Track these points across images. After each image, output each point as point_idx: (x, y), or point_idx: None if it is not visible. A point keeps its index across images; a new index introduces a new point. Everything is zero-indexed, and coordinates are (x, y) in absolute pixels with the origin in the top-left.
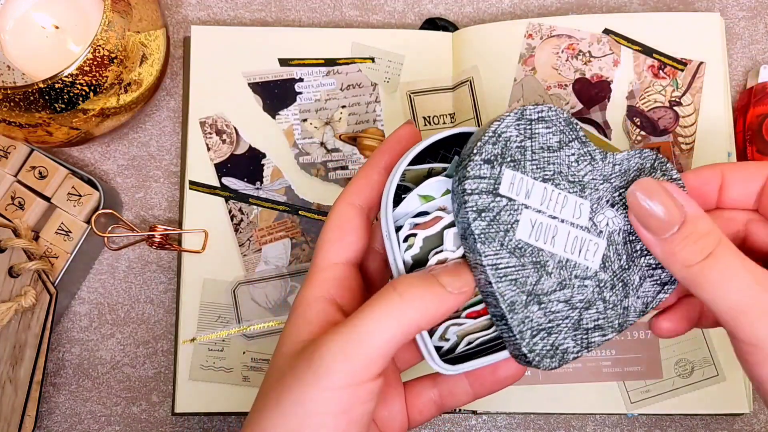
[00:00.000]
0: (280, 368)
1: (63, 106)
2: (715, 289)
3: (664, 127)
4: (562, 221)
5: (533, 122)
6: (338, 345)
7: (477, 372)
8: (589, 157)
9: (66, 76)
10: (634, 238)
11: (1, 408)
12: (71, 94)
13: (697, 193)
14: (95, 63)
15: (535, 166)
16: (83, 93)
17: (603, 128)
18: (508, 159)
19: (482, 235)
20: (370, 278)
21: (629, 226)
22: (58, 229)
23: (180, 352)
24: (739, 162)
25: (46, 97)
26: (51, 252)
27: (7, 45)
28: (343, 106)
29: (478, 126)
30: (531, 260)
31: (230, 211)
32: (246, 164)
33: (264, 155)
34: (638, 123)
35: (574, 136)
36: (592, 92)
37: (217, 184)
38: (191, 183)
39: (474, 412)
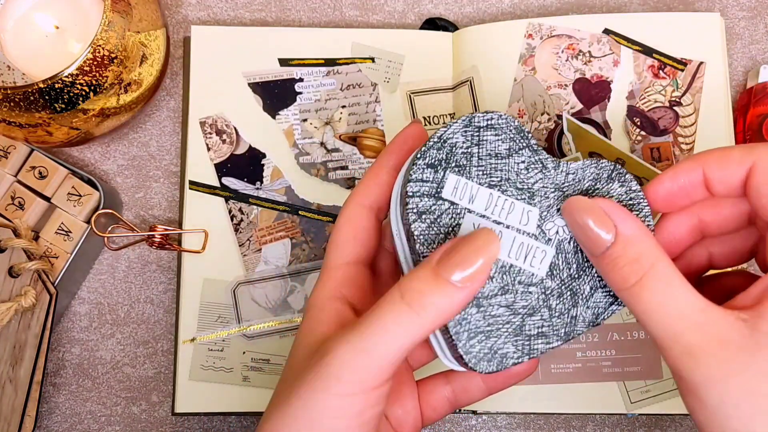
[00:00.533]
0: (294, 370)
1: (63, 106)
2: (644, 318)
3: (664, 127)
4: (508, 227)
5: (481, 129)
6: (347, 354)
7: None
8: (541, 165)
9: (66, 76)
10: None
11: (1, 408)
12: (71, 94)
13: (680, 191)
14: (95, 63)
15: (481, 172)
16: (83, 93)
17: (603, 128)
18: (453, 164)
19: (421, 237)
20: (382, 277)
21: None
22: (58, 229)
23: (180, 352)
24: (720, 150)
25: (46, 97)
26: (51, 252)
27: (7, 45)
28: (343, 106)
29: None
30: None
31: (230, 211)
32: (246, 164)
33: (264, 155)
34: (638, 123)
35: (524, 144)
36: (592, 92)
37: (217, 184)
38: (191, 183)
39: (474, 412)
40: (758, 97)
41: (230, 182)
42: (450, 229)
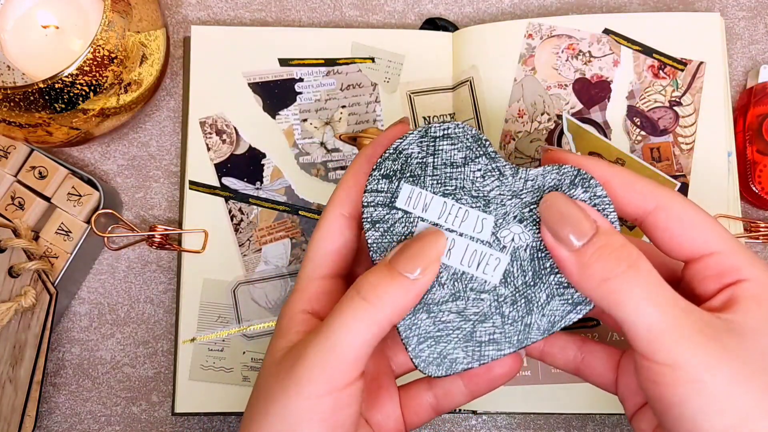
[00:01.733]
0: (267, 379)
1: (63, 106)
2: (636, 307)
3: (664, 127)
4: (461, 235)
5: (437, 139)
6: (315, 356)
7: (471, 371)
8: (498, 172)
9: (66, 76)
10: (542, 255)
11: (1, 408)
12: (71, 94)
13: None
14: (95, 63)
15: (435, 181)
16: (83, 93)
17: (603, 128)
18: (408, 174)
19: (374, 245)
20: None
21: (538, 242)
22: (58, 229)
23: (180, 352)
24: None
25: (46, 97)
26: (51, 252)
27: (7, 45)
28: (343, 106)
29: (479, 126)
30: None
31: (230, 211)
32: (246, 164)
33: (264, 155)
34: (638, 123)
35: (481, 152)
36: (592, 92)
37: (217, 184)
38: (191, 183)
39: (474, 412)
40: (758, 97)
41: (230, 182)
42: (403, 237)
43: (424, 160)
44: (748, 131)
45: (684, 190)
